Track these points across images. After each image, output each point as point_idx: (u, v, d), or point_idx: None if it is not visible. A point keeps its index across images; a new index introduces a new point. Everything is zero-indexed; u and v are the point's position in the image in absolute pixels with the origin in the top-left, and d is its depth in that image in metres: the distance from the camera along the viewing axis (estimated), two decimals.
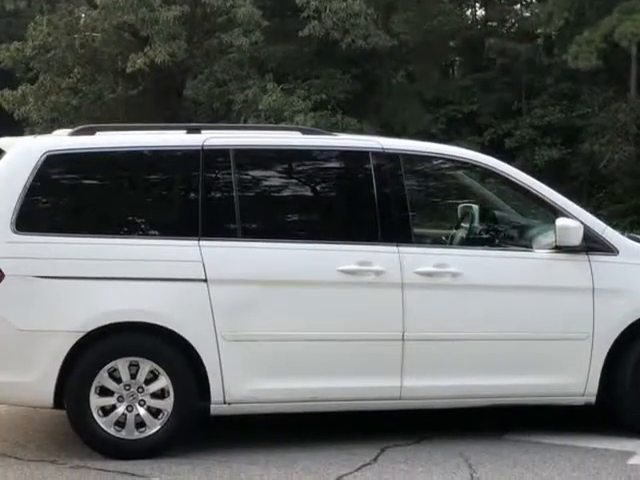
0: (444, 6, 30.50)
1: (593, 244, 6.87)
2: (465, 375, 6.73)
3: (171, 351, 6.41)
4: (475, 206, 7.81)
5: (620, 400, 6.91)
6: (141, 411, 6.40)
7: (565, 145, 27.06)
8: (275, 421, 6.99)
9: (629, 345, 6.87)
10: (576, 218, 6.86)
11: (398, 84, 29.29)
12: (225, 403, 6.47)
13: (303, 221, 7.12)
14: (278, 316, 6.51)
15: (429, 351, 6.69)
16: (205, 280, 6.42)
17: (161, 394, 6.42)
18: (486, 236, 7.55)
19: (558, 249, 6.83)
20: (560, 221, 6.79)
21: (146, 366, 6.39)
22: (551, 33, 29.09)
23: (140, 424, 6.40)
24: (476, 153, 7.38)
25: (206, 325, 6.39)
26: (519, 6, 32.19)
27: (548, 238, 6.90)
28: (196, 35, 26.60)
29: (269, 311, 6.49)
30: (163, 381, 6.40)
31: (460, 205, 8.10)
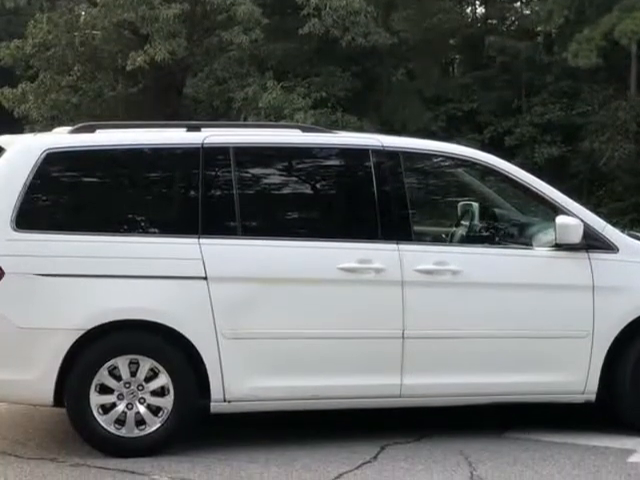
0: (444, 4, 30.44)
1: (593, 242, 6.87)
2: (465, 373, 6.73)
3: (171, 349, 6.41)
4: (475, 204, 7.82)
5: (620, 398, 6.91)
6: (141, 409, 6.40)
7: (565, 143, 27.04)
8: (275, 419, 6.99)
9: (629, 343, 6.87)
10: (576, 216, 6.86)
11: (398, 82, 29.26)
12: (225, 401, 6.46)
13: (303, 219, 7.11)
14: (278, 314, 6.51)
15: (429, 349, 6.69)
16: (205, 278, 6.42)
17: (161, 392, 6.42)
18: (486, 234, 7.55)
19: (558, 247, 6.83)
20: (560, 219, 6.79)
21: (146, 364, 6.39)
22: (551, 31, 29.07)
23: (140, 422, 6.40)
24: (476, 151, 7.38)
25: (206, 323, 6.39)
26: (519, 4, 32.16)
27: (548, 236, 6.90)
28: (196, 33, 26.58)
29: (269, 309, 6.49)
30: (163, 379, 6.40)
31: (460, 203, 8.11)
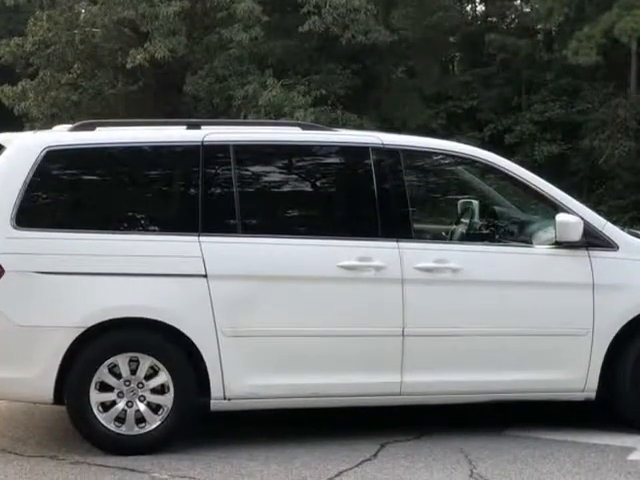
0: (444, 2, 30.45)
1: (593, 240, 6.87)
2: (465, 371, 6.73)
3: (171, 347, 6.41)
4: (475, 202, 7.81)
5: (620, 396, 6.91)
6: (141, 407, 6.40)
7: (565, 141, 27.03)
8: (275, 417, 6.99)
9: (629, 341, 6.87)
10: (576, 214, 6.86)
11: (398, 80, 29.21)
12: (225, 399, 6.46)
13: (303, 217, 7.11)
14: (278, 312, 6.51)
15: (429, 347, 6.68)
16: (205, 276, 6.42)
17: (161, 390, 6.42)
18: (486, 232, 7.54)
19: (558, 245, 6.83)
20: (560, 217, 6.79)
21: (146, 362, 6.39)
22: (551, 29, 29.03)
23: (140, 420, 6.40)
24: (476, 148, 7.38)
25: (206, 321, 6.39)
26: (519, 2, 32.12)
27: (548, 234, 6.90)
28: (196, 31, 26.58)
29: (269, 307, 6.49)
30: (163, 377, 6.40)
31: (460, 201, 8.10)
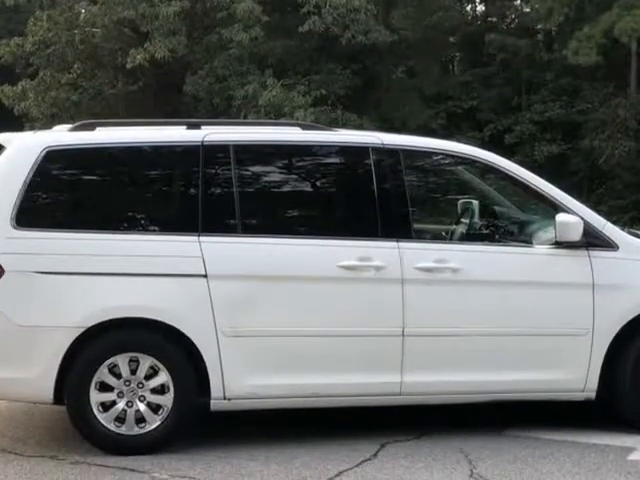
0: (444, 2, 30.45)
1: (593, 240, 6.87)
2: (465, 371, 6.73)
3: (171, 347, 6.41)
4: (475, 202, 7.81)
5: (620, 396, 6.91)
6: (141, 407, 6.40)
7: (565, 141, 27.03)
8: (275, 417, 6.98)
9: (629, 341, 6.87)
10: (576, 214, 6.86)
11: (398, 79, 29.22)
12: (225, 399, 6.46)
13: (303, 217, 7.10)
14: (278, 312, 6.51)
15: (429, 347, 6.68)
16: (205, 276, 6.42)
17: (161, 390, 6.42)
18: (486, 232, 7.54)
19: (558, 245, 6.83)
20: (560, 217, 6.79)
21: (146, 362, 6.39)
22: (551, 29, 29.03)
23: (140, 420, 6.40)
24: (476, 148, 7.37)
25: (206, 321, 6.39)
26: (519, 2, 32.13)
27: (548, 234, 6.90)
28: (196, 31, 26.58)
29: (269, 307, 6.49)
30: (163, 377, 6.40)
31: (460, 200, 8.10)
